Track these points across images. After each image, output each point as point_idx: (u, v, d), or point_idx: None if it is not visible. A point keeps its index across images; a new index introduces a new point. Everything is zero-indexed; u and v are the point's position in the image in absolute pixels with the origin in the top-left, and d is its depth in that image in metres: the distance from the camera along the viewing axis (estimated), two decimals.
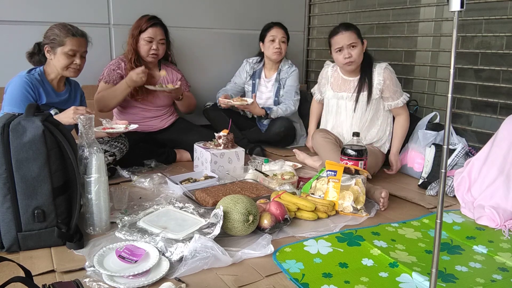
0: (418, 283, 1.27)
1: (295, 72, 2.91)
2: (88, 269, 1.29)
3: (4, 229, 1.39)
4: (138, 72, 2.32)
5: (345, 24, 2.29)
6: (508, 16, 2.25)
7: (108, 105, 2.40)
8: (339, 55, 2.25)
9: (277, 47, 2.82)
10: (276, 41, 2.82)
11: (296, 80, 2.91)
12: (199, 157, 2.30)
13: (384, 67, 2.28)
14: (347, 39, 2.21)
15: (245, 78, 2.99)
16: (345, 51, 2.22)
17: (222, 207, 1.50)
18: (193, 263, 1.30)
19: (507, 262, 1.41)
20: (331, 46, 2.30)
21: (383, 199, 1.83)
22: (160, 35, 2.49)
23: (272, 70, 2.95)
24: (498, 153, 1.80)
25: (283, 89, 2.91)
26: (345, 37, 2.21)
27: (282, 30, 2.85)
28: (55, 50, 1.95)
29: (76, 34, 1.96)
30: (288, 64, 2.92)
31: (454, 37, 0.85)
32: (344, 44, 2.21)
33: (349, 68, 2.28)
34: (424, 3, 2.78)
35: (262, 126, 2.90)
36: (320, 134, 2.33)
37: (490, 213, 1.70)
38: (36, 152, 1.38)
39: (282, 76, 2.90)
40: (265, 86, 2.96)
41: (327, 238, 1.55)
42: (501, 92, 2.38)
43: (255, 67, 2.98)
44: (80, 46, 1.98)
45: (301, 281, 1.27)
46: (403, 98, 2.30)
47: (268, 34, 2.84)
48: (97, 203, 1.51)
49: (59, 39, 1.94)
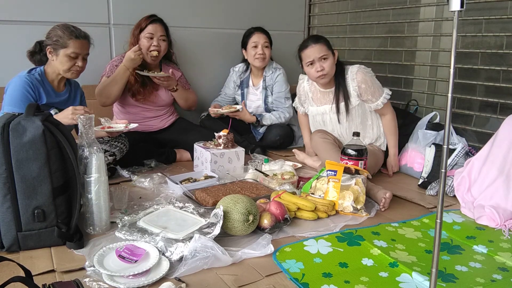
0: (418, 283, 1.27)
1: (280, 76, 2.81)
2: (88, 269, 1.29)
3: (4, 229, 1.39)
4: (135, 50, 2.33)
5: (314, 36, 2.27)
6: (508, 16, 2.25)
7: (110, 94, 2.39)
8: (311, 69, 2.20)
9: (260, 53, 2.74)
10: (259, 47, 2.74)
11: (283, 84, 2.82)
12: (199, 157, 2.30)
13: (356, 71, 2.23)
14: (318, 52, 2.16)
15: (234, 88, 2.94)
16: (316, 64, 2.17)
17: (222, 207, 1.50)
18: (193, 263, 1.30)
19: (507, 262, 1.41)
20: (302, 61, 2.25)
21: (385, 199, 1.82)
22: (161, 31, 2.50)
23: (258, 77, 2.88)
24: (498, 153, 1.80)
25: (271, 96, 2.84)
26: (315, 50, 2.16)
27: (264, 35, 2.77)
28: (57, 52, 1.94)
29: (79, 36, 1.96)
30: (271, 69, 2.83)
31: (454, 37, 0.85)
32: (315, 57, 2.16)
33: (322, 81, 2.24)
34: (424, 3, 2.78)
35: (258, 134, 2.84)
36: (318, 135, 2.33)
37: (490, 212, 1.70)
38: (36, 152, 1.38)
39: (268, 83, 2.83)
40: (253, 94, 2.90)
41: (327, 238, 1.55)
42: (501, 92, 2.38)
43: (242, 76, 2.91)
44: (83, 49, 1.98)
45: (301, 281, 1.27)
46: (383, 98, 2.23)
47: (250, 40, 2.77)
48: (97, 203, 1.51)
49: (62, 41, 1.93)
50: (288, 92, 2.85)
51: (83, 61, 2.00)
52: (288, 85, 2.85)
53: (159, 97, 2.59)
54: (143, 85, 2.49)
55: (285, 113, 2.81)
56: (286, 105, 2.82)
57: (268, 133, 2.78)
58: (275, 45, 2.88)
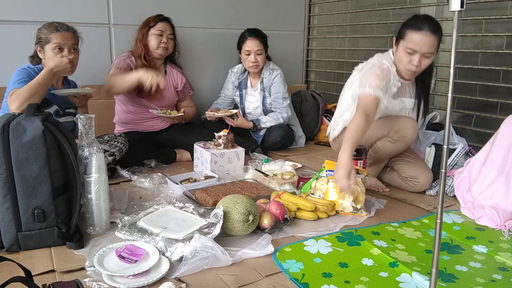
0: (418, 283, 1.27)
1: (277, 77, 2.79)
2: (88, 269, 1.29)
3: (4, 229, 1.39)
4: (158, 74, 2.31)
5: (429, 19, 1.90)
6: (508, 16, 2.25)
7: (115, 88, 2.38)
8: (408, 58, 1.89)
9: (253, 61, 2.73)
10: (252, 55, 2.72)
11: (280, 84, 2.80)
12: (199, 157, 2.30)
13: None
14: None
15: (232, 89, 2.94)
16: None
17: (222, 207, 1.50)
18: (193, 263, 1.30)
19: (507, 261, 1.41)
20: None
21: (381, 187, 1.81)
22: (169, 30, 2.54)
23: (256, 79, 2.87)
24: (498, 153, 1.80)
25: (269, 97, 2.83)
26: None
27: (257, 41, 2.72)
28: (44, 49, 1.96)
29: (61, 29, 1.96)
30: (269, 70, 2.81)
31: (454, 37, 0.85)
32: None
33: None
34: (424, 3, 2.78)
35: (258, 137, 2.83)
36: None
37: (490, 213, 1.70)
38: (36, 152, 1.38)
39: (265, 85, 2.82)
40: (252, 95, 2.90)
41: (327, 238, 1.55)
42: (501, 92, 2.38)
43: (240, 77, 2.90)
44: (66, 39, 1.96)
45: (301, 281, 1.27)
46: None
47: (243, 46, 2.75)
48: (97, 203, 1.51)
49: (45, 37, 1.95)
50: (286, 92, 2.83)
51: (71, 52, 1.97)
52: (285, 85, 2.84)
53: (164, 97, 2.59)
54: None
55: (283, 113, 2.80)
56: (284, 105, 2.81)
57: (269, 135, 2.77)
58: (275, 45, 2.88)
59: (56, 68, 1.86)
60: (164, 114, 2.49)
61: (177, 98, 2.70)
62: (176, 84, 2.67)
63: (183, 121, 2.62)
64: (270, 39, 2.83)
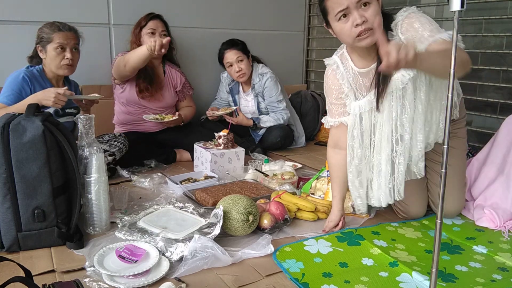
0: (418, 283, 1.27)
1: (268, 81, 2.75)
2: (88, 269, 1.29)
3: (4, 229, 1.39)
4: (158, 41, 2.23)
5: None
6: (508, 16, 2.25)
7: (128, 63, 2.30)
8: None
9: (237, 70, 2.71)
10: (234, 65, 2.71)
11: (272, 88, 2.76)
12: (199, 157, 2.30)
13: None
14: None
15: (227, 93, 2.95)
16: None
17: (222, 207, 1.50)
18: (193, 263, 1.30)
19: (507, 262, 1.41)
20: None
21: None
22: (161, 27, 2.52)
23: (247, 85, 2.85)
24: (498, 153, 1.80)
25: (263, 102, 2.82)
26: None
27: (234, 51, 2.70)
28: (45, 48, 1.97)
29: (63, 28, 1.98)
30: (258, 76, 2.77)
31: (454, 37, 0.85)
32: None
33: None
34: (424, 3, 2.78)
35: (257, 136, 2.82)
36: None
37: (489, 214, 1.69)
38: (36, 152, 1.38)
39: (258, 90, 2.80)
40: (245, 99, 2.89)
41: (327, 238, 1.55)
42: (501, 92, 2.38)
43: (230, 83, 2.90)
44: (68, 39, 1.98)
45: (301, 280, 1.27)
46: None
47: (224, 61, 2.75)
48: (97, 203, 1.52)
49: (47, 36, 1.96)
50: (280, 95, 2.79)
51: (73, 52, 2.00)
52: (278, 87, 2.80)
53: (164, 97, 2.59)
54: (151, 82, 2.50)
55: (282, 114, 2.79)
56: (281, 107, 2.79)
57: (268, 135, 2.76)
58: (275, 45, 2.87)
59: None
60: (158, 119, 2.47)
61: (176, 98, 2.70)
62: (175, 84, 2.67)
63: (180, 123, 2.60)
64: (270, 39, 2.83)
